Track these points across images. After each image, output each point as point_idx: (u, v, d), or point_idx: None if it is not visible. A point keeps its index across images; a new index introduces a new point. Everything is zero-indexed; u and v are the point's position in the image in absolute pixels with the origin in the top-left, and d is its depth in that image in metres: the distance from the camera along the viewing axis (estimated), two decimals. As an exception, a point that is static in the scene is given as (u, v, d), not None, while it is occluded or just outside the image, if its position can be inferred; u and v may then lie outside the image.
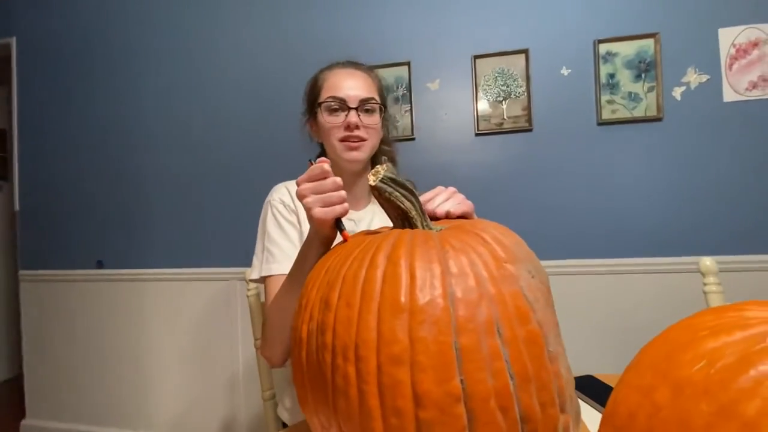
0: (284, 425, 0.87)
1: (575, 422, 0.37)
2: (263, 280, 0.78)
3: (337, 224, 0.52)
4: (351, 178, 0.82)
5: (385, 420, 0.32)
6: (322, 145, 0.87)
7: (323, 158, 0.54)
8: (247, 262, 1.56)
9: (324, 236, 0.54)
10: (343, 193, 0.52)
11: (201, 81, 1.64)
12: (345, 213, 0.52)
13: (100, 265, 1.74)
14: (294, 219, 0.80)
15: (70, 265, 1.76)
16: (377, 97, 0.80)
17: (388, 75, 1.47)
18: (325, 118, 0.77)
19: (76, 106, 1.76)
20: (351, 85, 0.77)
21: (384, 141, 0.87)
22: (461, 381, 0.31)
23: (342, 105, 0.76)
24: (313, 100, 0.81)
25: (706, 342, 0.24)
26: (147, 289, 1.69)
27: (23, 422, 1.79)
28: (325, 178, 0.52)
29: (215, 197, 1.63)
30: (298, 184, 0.52)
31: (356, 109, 0.76)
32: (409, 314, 0.33)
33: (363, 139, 0.77)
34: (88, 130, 1.74)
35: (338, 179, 0.52)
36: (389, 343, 0.32)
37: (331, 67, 0.83)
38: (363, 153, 0.78)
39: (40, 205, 1.80)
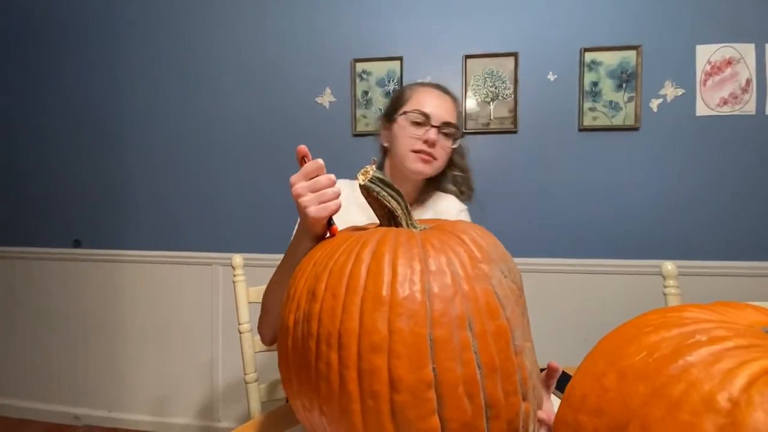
0: (287, 400, 0.92)
1: (536, 410, 0.41)
2: None
3: (328, 220, 0.53)
4: (406, 185, 0.86)
5: (363, 402, 0.35)
6: (384, 152, 0.91)
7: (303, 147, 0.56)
8: (231, 247, 1.58)
9: (316, 232, 0.55)
10: (337, 189, 0.53)
11: (191, 61, 1.61)
12: (338, 210, 0.53)
13: (77, 244, 1.71)
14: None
15: (44, 242, 1.72)
16: (457, 126, 0.85)
17: (381, 69, 1.49)
18: (406, 127, 0.81)
19: (54, 75, 1.69)
20: (438, 105, 0.82)
21: (458, 167, 0.93)
22: (433, 369, 0.34)
23: (425, 120, 0.81)
24: (396, 108, 0.85)
25: (648, 337, 0.28)
26: (126, 271, 1.67)
27: (-8, 401, 1.76)
28: (318, 175, 0.52)
29: (201, 180, 1.62)
30: (292, 183, 0.52)
31: (438, 128, 0.81)
32: (390, 307, 0.35)
33: (434, 158, 0.82)
34: (70, 102, 1.69)
35: (332, 176, 0.53)
36: (370, 333, 0.35)
37: (427, 84, 0.87)
38: (430, 169, 0.83)
39: (13, 178, 1.74)
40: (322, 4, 1.52)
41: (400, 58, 1.48)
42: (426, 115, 0.80)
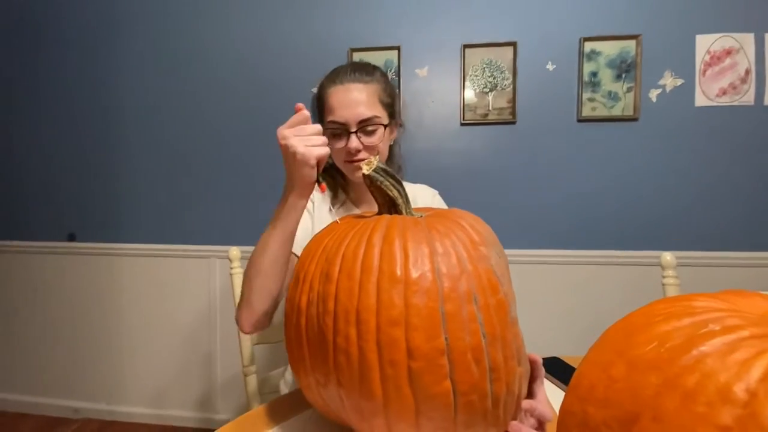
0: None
1: (526, 375, 0.46)
2: None
3: (317, 177, 0.56)
4: (364, 188, 0.83)
5: (382, 370, 0.39)
6: None
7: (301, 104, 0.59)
8: (228, 240, 1.57)
9: (304, 182, 0.56)
10: (324, 138, 0.56)
11: (185, 53, 1.57)
12: (327, 155, 0.56)
13: (72, 238, 1.69)
14: (307, 214, 0.83)
15: (39, 236, 1.70)
16: (379, 111, 0.77)
17: (378, 58, 1.47)
18: (329, 141, 0.74)
19: (48, 66, 1.66)
20: (349, 103, 0.74)
21: (390, 156, 0.86)
22: (446, 338, 0.38)
23: (343, 129, 0.75)
24: (320, 118, 0.80)
25: (658, 326, 0.28)
26: (122, 264, 1.65)
27: (-12, 395, 1.75)
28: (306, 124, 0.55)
29: (197, 172, 1.60)
30: (278, 133, 0.55)
31: (356, 132, 0.74)
32: (405, 285, 0.39)
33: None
34: (64, 95, 1.65)
35: (318, 126, 0.56)
36: (388, 308, 0.39)
37: (333, 78, 0.78)
38: None
39: (7, 171, 1.71)
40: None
41: (398, 48, 1.46)
42: (341, 124, 0.74)
